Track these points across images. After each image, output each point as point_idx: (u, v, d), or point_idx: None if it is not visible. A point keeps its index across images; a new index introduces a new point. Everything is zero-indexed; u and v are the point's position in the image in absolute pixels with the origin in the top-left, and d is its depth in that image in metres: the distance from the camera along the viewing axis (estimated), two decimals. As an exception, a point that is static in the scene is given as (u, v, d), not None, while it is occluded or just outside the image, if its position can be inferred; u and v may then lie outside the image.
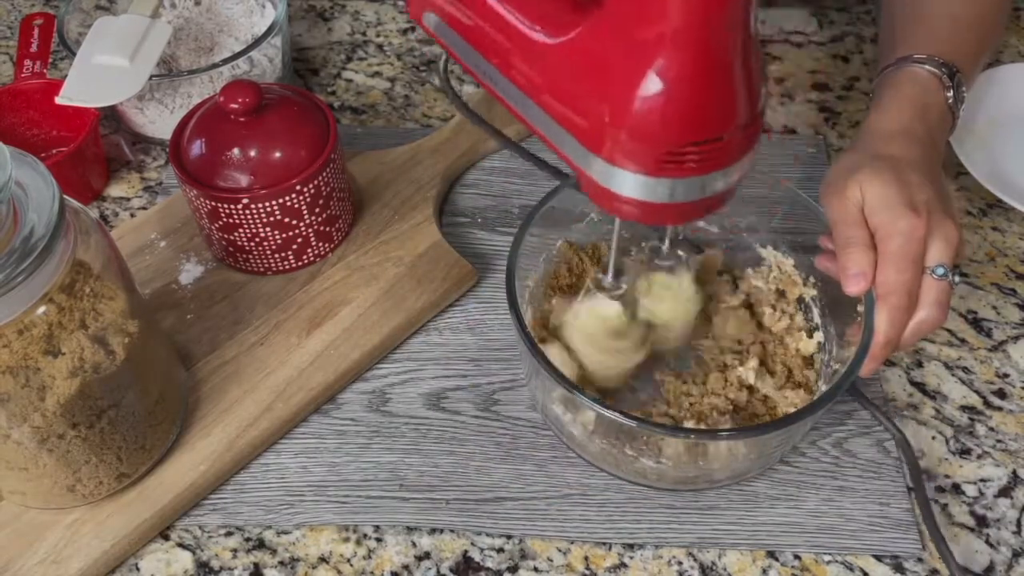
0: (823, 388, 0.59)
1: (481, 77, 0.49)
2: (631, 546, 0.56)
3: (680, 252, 0.59)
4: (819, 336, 0.61)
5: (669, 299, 0.58)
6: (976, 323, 0.66)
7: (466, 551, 0.56)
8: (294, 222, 0.64)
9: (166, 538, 0.56)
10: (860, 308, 0.55)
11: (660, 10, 0.39)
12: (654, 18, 0.39)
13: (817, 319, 0.62)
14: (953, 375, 0.64)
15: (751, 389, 0.59)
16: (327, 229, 0.66)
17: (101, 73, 0.72)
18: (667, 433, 0.53)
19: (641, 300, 0.58)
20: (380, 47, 0.89)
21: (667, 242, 0.58)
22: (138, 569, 0.55)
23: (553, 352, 0.58)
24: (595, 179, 0.45)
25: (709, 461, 0.54)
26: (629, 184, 0.43)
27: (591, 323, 0.57)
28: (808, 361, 0.61)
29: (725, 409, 0.58)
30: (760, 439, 0.53)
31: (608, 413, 0.50)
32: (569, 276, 0.64)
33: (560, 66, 0.44)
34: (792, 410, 0.58)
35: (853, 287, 0.55)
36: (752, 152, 0.44)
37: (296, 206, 0.63)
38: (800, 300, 0.63)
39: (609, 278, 0.57)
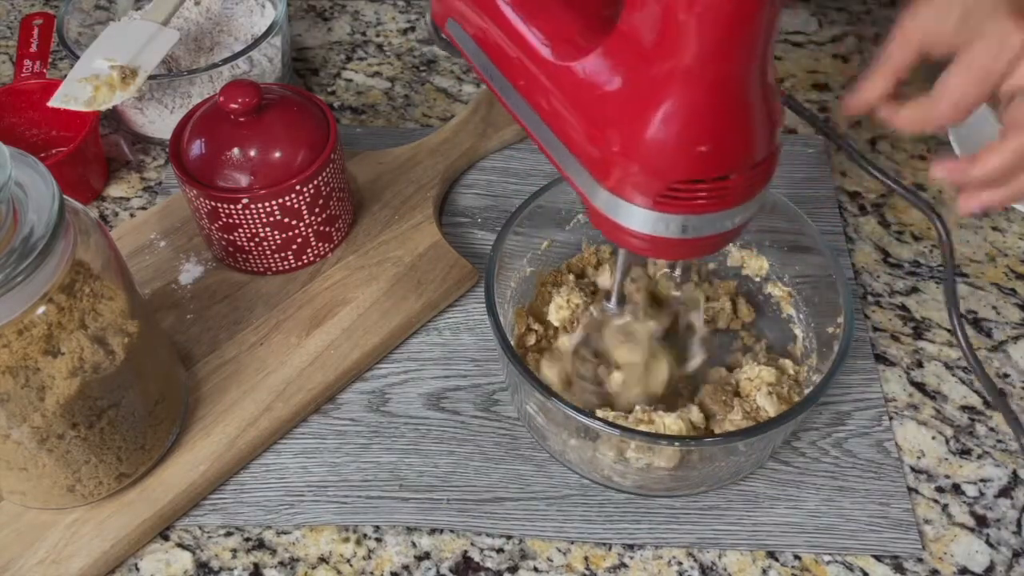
0: (813, 379, 0.58)
1: (500, 95, 0.49)
2: (631, 546, 0.56)
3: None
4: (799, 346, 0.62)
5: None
6: (976, 323, 0.66)
7: (466, 551, 0.56)
8: (294, 222, 0.64)
9: (166, 538, 0.56)
10: (840, 302, 0.55)
11: (672, 46, 0.38)
12: (666, 54, 0.38)
13: (793, 313, 0.62)
14: (953, 375, 0.64)
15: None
16: (327, 229, 0.66)
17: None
18: (623, 435, 0.51)
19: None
20: (380, 47, 0.89)
21: (678, 270, 0.60)
22: (138, 569, 0.55)
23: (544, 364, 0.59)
24: (601, 209, 0.44)
25: (693, 467, 0.54)
26: (635, 217, 0.43)
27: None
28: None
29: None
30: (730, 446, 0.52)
31: (567, 409, 0.50)
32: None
33: (570, 89, 0.43)
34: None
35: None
36: (762, 192, 0.43)
37: (296, 206, 0.63)
38: (769, 296, 0.64)
39: (612, 305, 0.58)
